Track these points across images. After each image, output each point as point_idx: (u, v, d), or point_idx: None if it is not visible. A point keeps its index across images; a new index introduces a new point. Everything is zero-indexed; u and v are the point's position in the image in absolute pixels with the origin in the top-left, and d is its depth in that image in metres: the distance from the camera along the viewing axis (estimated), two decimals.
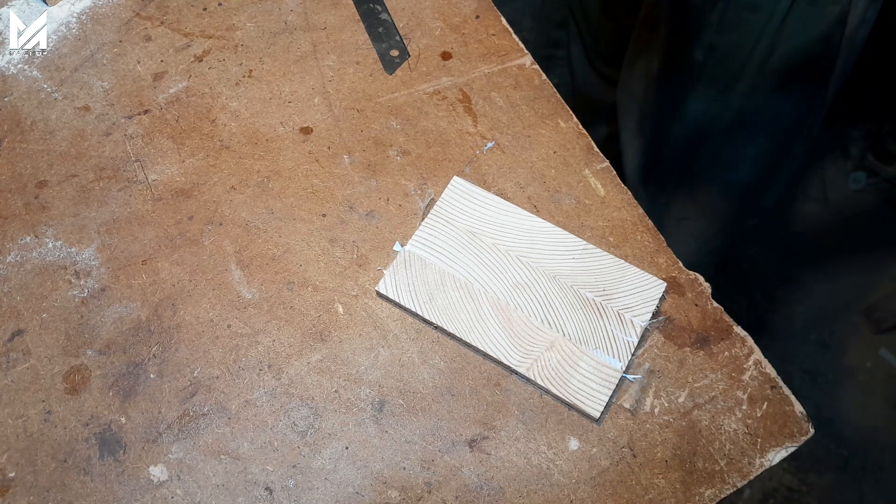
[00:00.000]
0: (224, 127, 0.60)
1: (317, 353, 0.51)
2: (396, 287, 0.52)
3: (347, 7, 0.66)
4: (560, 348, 0.50)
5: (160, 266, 0.54)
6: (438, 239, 0.54)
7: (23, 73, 0.63)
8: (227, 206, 0.57)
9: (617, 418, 0.49)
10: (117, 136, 0.60)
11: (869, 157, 1.38)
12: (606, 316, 0.51)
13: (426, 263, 0.53)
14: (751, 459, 0.48)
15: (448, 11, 0.66)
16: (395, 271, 0.53)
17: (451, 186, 0.56)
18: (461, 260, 0.53)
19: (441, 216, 0.55)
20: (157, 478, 0.47)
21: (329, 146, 0.59)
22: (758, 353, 0.51)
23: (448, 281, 0.53)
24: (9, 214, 0.56)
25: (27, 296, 0.53)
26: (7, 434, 0.49)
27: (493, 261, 0.53)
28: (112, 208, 0.57)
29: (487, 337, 0.50)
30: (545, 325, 0.51)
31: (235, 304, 0.53)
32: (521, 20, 1.34)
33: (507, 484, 0.47)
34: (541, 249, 0.54)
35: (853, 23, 0.63)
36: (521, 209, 0.55)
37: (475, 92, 0.61)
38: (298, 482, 0.47)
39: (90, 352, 0.51)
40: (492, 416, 0.49)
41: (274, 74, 0.63)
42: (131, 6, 0.66)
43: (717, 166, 0.80)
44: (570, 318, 0.51)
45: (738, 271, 1.31)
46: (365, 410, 0.49)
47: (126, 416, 0.49)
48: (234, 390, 0.50)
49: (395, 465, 0.48)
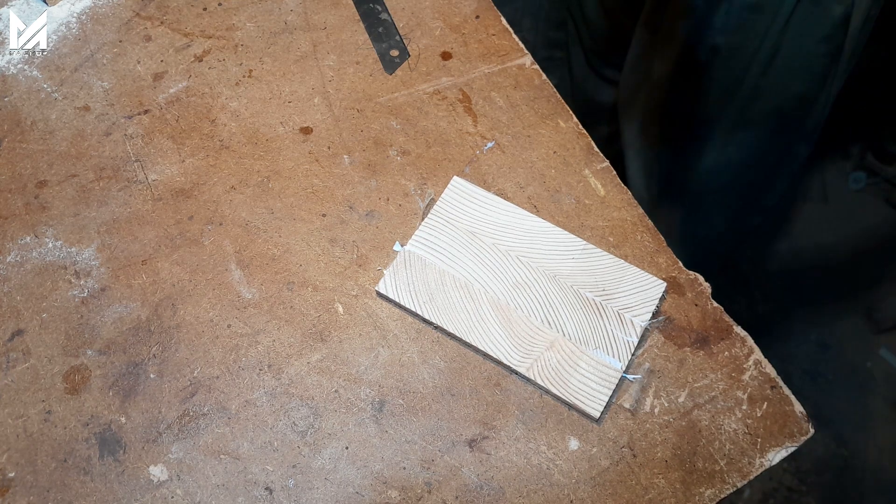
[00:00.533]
0: (224, 127, 0.60)
1: (317, 353, 0.51)
2: (396, 287, 0.52)
3: (347, 7, 0.66)
4: (560, 348, 0.50)
5: (160, 266, 0.54)
6: (438, 239, 0.54)
7: (23, 73, 0.63)
8: (227, 206, 0.57)
9: (617, 418, 0.49)
10: (117, 136, 0.60)
11: (869, 157, 1.38)
12: (606, 316, 0.51)
13: (426, 263, 0.53)
14: (751, 459, 0.48)
15: (448, 11, 0.66)
16: (395, 271, 0.53)
17: (451, 186, 0.56)
18: (461, 260, 0.53)
19: (441, 216, 0.55)
20: (157, 478, 0.47)
21: (329, 146, 0.59)
22: (758, 353, 0.51)
23: (448, 281, 0.53)
24: (9, 214, 0.56)
25: (27, 296, 0.53)
26: (7, 434, 0.49)
27: (493, 261, 0.53)
28: (112, 208, 0.57)
29: (487, 337, 0.50)
30: (545, 324, 0.51)
31: (235, 304, 0.53)
32: (521, 20, 1.34)
33: (507, 484, 0.47)
34: (541, 249, 0.54)
35: (856, 23, 0.63)
36: (521, 209, 0.55)
37: (475, 92, 0.61)
38: (298, 482, 0.47)
39: (90, 352, 0.51)
40: (492, 416, 0.49)
41: (274, 74, 0.63)
42: (131, 6, 0.66)
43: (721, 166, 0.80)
44: (570, 317, 0.51)
45: (738, 271, 1.31)
46: (365, 410, 0.49)
47: (126, 416, 0.49)
48: (234, 390, 0.50)
49: (395, 464, 0.48)
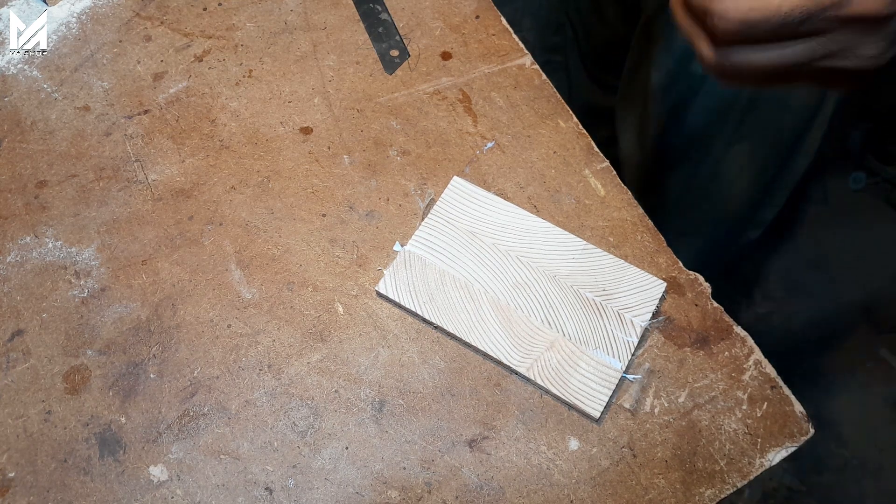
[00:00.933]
0: (224, 127, 0.60)
1: (317, 353, 0.51)
2: (396, 287, 0.52)
3: (347, 7, 0.66)
4: (560, 348, 0.50)
5: (160, 266, 0.54)
6: (438, 239, 0.54)
7: (23, 73, 0.63)
8: (227, 206, 0.57)
9: (617, 418, 0.49)
10: (117, 136, 0.60)
11: (869, 157, 1.38)
12: (606, 316, 0.51)
13: (426, 263, 0.53)
14: (751, 459, 0.48)
15: (448, 11, 0.66)
16: (395, 271, 0.53)
17: (451, 186, 0.56)
18: (461, 260, 0.53)
19: (441, 216, 0.55)
20: (157, 478, 0.47)
21: (329, 146, 0.59)
22: (758, 353, 0.51)
23: (448, 281, 0.53)
24: (9, 214, 0.56)
25: (27, 296, 0.53)
26: (7, 434, 0.49)
27: (493, 261, 0.53)
28: (112, 208, 0.57)
29: (487, 337, 0.50)
30: (545, 325, 0.51)
31: (235, 304, 0.53)
32: (521, 20, 1.34)
33: (507, 484, 0.47)
34: (541, 249, 0.54)
35: None
36: (521, 209, 0.55)
37: (475, 92, 0.61)
38: (298, 482, 0.47)
39: (90, 352, 0.51)
40: (492, 416, 0.49)
41: (274, 74, 0.63)
42: (131, 6, 0.66)
43: (718, 180, 0.80)
44: (570, 318, 0.51)
45: (738, 271, 1.31)
46: (365, 410, 0.49)
47: (126, 416, 0.49)
48: (234, 390, 0.50)
49: (395, 465, 0.48)
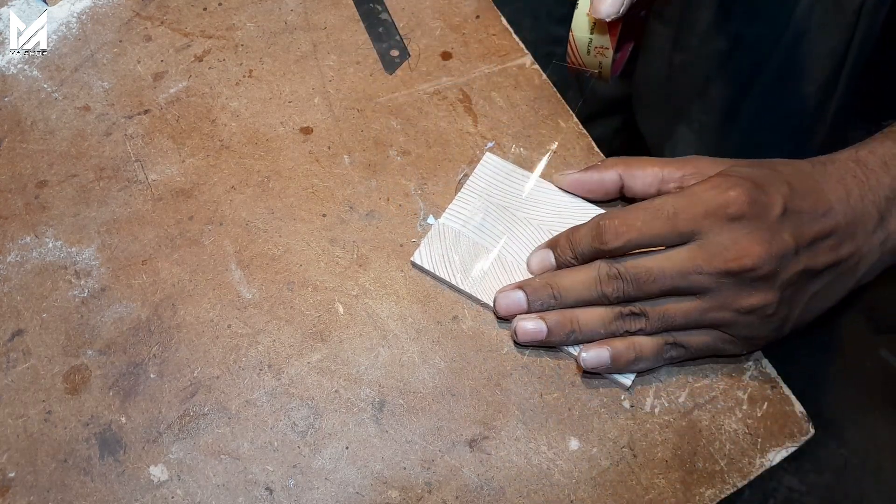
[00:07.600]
0: (224, 127, 0.60)
1: (317, 353, 0.51)
2: (431, 257, 0.53)
3: (347, 7, 0.66)
4: None
5: (160, 266, 0.54)
6: (472, 212, 0.55)
7: (23, 73, 0.63)
8: (227, 206, 0.57)
9: (617, 418, 0.49)
10: (117, 136, 0.60)
11: None
12: None
13: (460, 235, 0.54)
14: (751, 459, 0.48)
15: (448, 11, 0.66)
16: (430, 242, 0.54)
17: (483, 162, 0.57)
18: (494, 233, 0.54)
19: (474, 190, 0.56)
20: (158, 478, 0.47)
21: (329, 146, 0.59)
22: (758, 353, 0.51)
23: (481, 253, 0.54)
24: (9, 214, 0.56)
25: (27, 296, 0.53)
26: (7, 434, 0.49)
27: (525, 234, 0.54)
28: (112, 208, 0.57)
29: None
30: None
31: (235, 304, 0.53)
32: (521, 20, 1.34)
33: (507, 484, 0.47)
34: (571, 223, 0.53)
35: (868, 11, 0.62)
36: (554, 185, 0.56)
37: (475, 92, 0.61)
38: (299, 482, 0.47)
39: (90, 352, 0.51)
40: (492, 416, 0.49)
41: (274, 74, 0.63)
42: (131, 6, 0.66)
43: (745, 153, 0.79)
44: None
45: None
46: (365, 410, 0.49)
47: (126, 416, 0.49)
48: (234, 390, 0.50)
49: (395, 465, 0.48)
